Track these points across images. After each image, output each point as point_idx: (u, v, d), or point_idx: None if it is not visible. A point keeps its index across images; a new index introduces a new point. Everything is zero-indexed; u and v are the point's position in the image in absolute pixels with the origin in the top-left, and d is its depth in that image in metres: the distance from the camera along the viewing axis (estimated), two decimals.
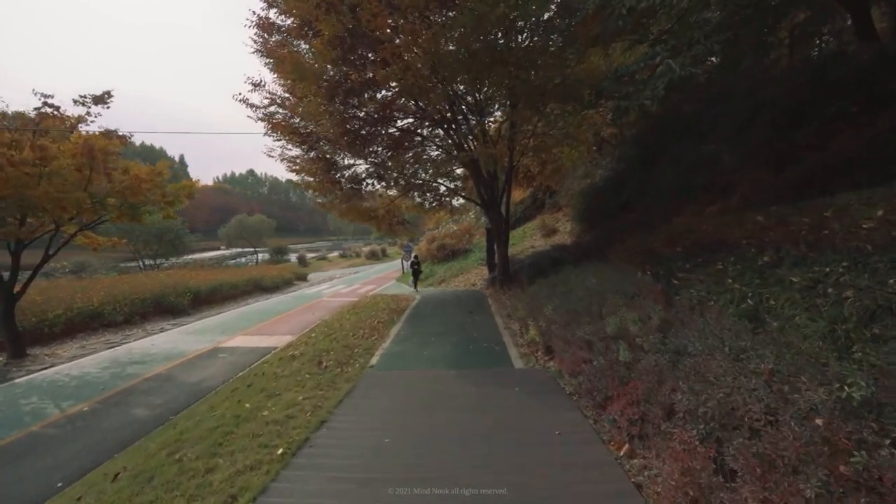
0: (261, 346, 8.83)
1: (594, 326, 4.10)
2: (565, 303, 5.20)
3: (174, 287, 13.95)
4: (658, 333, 3.39)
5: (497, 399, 3.80)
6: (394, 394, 4.07)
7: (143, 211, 8.78)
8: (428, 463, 2.74)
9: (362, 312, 9.57)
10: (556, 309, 5.19)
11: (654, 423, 2.54)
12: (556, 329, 4.79)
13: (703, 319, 3.42)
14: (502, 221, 11.13)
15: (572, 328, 4.43)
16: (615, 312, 4.25)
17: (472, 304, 10.07)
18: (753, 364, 2.46)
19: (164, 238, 28.34)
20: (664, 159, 10.92)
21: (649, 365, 2.98)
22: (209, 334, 10.47)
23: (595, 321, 4.34)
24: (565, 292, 5.67)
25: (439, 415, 3.52)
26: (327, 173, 11.06)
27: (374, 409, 3.70)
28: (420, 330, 7.25)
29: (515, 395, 3.87)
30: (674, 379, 2.68)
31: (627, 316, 3.86)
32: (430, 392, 4.06)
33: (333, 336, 6.93)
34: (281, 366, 5.44)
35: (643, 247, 7.68)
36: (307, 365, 5.18)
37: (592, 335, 4.00)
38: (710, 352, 2.74)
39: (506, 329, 6.95)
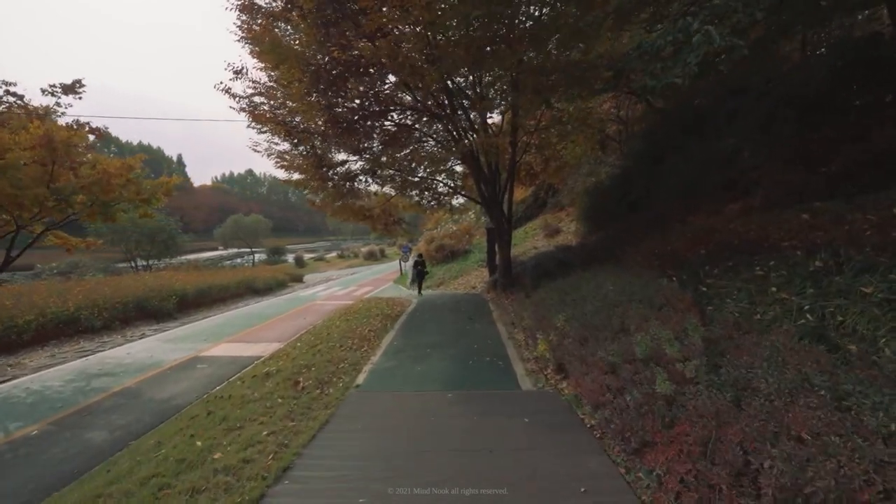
0: (244, 356, 8.18)
1: (618, 345, 3.44)
2: (579, 313, 4.54)
3: (159, 290, 13.27)
4: (704, 358, 2.73)
5: (503, 435, 3.13)
6: (379, 427, 3.37)
7: (117, 209, 8.09)
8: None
9: (354, 318, 8.90)
10: (568, 320, 4.52)
11: (719, 488, 1.87)
12: (570, 345, 4.13)
13: (762, 340, 2.76)
14: (504, 220, 10.46)
15: (591, 346, 3.77)
16: (642, 327, 3.58)
17: (472, 309, 9.41)
18: (870, 418, 1.78)
19: (156, 238, 27.66)
20: (675, 156, 10.26)
21: (702, 403, 2.33)
22: (191, 341, 9.79)
23: (618, 338, 3.68)
24: (578, 300, 5.00)
25: (431, 459, 2.85)
26: (318, 169, 10.39)
27: (353, 451, 3.01)
28: (415, 340, 6.58)
29: (525, 428, 3.20)
30: (741, 427, 2.02)
31: (659, 333, 3.19)
32: (423, 424, 3.39)
33: (318, 347, 6.25)
34: (252, 386, 4.76)
35: (661, 248, 7.03)
36: (282, 385, 4.51)
37: (617, 356, 3.33)
38: (791, 391, 2.08)
39: (509, 339, 6.29)
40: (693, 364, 2.68)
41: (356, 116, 8.76)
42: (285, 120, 7.81)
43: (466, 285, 14.62)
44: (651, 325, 3.59)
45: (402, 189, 13.05)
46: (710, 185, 9.00)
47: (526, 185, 16.17)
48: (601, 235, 12.59)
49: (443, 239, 21.35)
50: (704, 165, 9.29)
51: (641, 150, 12.88)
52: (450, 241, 21.18)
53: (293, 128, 8.05)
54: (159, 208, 8.58)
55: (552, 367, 4.37)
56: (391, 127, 10.98)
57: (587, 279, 5.92)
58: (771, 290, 3.83)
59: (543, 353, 4.50)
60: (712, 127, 9.88)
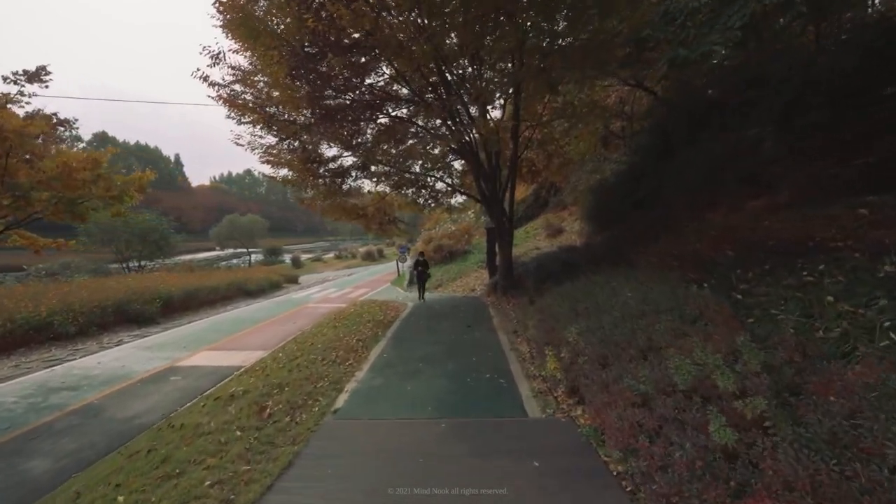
0: (223, 366, 7.54)
1: (651, 370, 2.79)
2: (595, 325, 3.88)
3: (142, 292, 12.59)
4: (772, 396, 2.07)
5: (506, 484, 2.47)
6: (351, 473, 2.70)
7: (86, 207, 7.42)
8: None
9: (343, 325, 8.24)
10: (582, 334, 3.86)
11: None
12: (586, 365, 3.47)
13: (845, 371, 2.10)
14: (505, 219, 9.81)
15: (613, 368, 3.12)
16: (676, 346, 2.93)
17: (471, 314, 8.75)
18: None
19: (148, 238, 26.97)
20: (687, 150, 9.60)
21: (787, 466, 1.68)
22: (170, 349, 9.14)
23: (647, 359, 3.03)
24: (592, 310, 4.34)
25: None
26: (306, 164, 9.73)
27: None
28: (407, 352, 5.91)
29: (535, 476, 2.52)
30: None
31: (703, 357, 2.54)
32: (409, 469, 2.72)
33: (298, 361, 5.59)
34: (212, 411, 4.09)
35: (679, 249, 6.37)
36: (246, 412, 3.84)
37: (648, 384, 2.68)
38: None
39: (512, 351, 5.63)
40: (759, 403, 2.04)
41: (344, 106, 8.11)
42: (264, 107, 7.14)
43: (465, 287, 13.96)
44: (687, 343, 2.94)
45: (398, 187, 12.40)
46: (728, 180, 8.34)
47: (528, 182, 15.53)
48: (607, 235, 11.94)
49: (441, 239, 20.69)
50: (720, 159, 8.62)
51: (649, 145, 12.21)
52: (448, 241, 20.52)
53: (273, 117, 7.39)
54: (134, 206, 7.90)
55: (564, 389, 3.73)
56: (385, 120, 10.35)
57: (599, 284, 5.26)
58: (827, 300, 3.18)
59: (553, 373, 3.85)
60: (727, 119, 9.22)
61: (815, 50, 8.79)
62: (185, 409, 4.72)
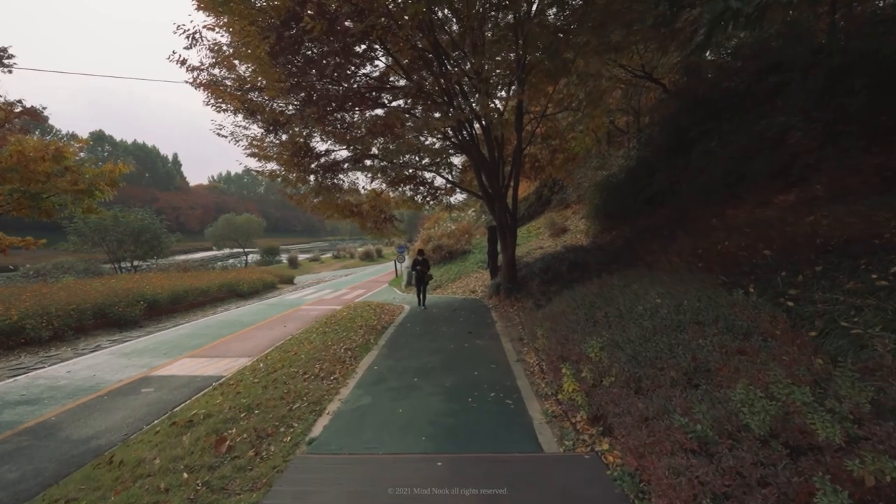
0: (202, 375, 6.93)
1: (706, 403, 2.15)
2: (622, 338, 3.24)
3: (125, 295, 11.96)
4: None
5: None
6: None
7: (53, 202, 6.78)
8: None
9: (333, 331, 7.60)
10: (606, 349, 3.23)
11: None
12: (614, 388, 2.84)
13: None
14: (508, 216, 9.17)
15: (651, 396, 2.49)
16: (731, 367, 2.30)
17: (472, 319, 8.10)
18: None
19: (141, 238, 26.31)
20: (704, 143, 8.98)
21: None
22: (148, 356, 8.51)
23: (697, 385, 2.39)
24: (614, 318, 3.70)
25: None
26: (295, 158, 9.09)
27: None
28: (401, 363, 5.26)
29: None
30: None
31: (778, 390, 1.91)
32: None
33: (276, 374, 4.96)
34: (162, 443, 3.42)
35: (705, 248, 5.74)
36: (202, 443, 3.18)
37: (705, 422, 2.04)
38: None
39: (519, 363, 5.00)
40: (886, 465, 1.41)
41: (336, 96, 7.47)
42: (246, 93, 6.50)
43: (465, 289, 13.32)
44: (745, 364, 2.31)
45: (395, 184, 11.77)
46: (751, 173, 7.71)
47: (531, 178, 14.89)
48: (616, 234, 11.32)
49: (440, 239, 20.05)
50: (742, 151, 8.00)
51: (660, 138, 11.59)
52: (448, 240, 19.87)
53: (257, 105, 6.76)
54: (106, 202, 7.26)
55: (585, 416, 3.10)
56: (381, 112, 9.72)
57: (618, 288, 4.62)
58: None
59: (573, 397, 3.22)
60: (747, 109, 8.58)
61: (832, 35, 8.17)
62: (140, 434, 4.07)
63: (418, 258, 10.84)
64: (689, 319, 3.13)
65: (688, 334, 2.94)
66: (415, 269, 10.72)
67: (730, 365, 2.47)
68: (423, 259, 10.80)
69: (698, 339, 2.83)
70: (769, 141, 7.42)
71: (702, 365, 2.60)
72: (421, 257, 10.83)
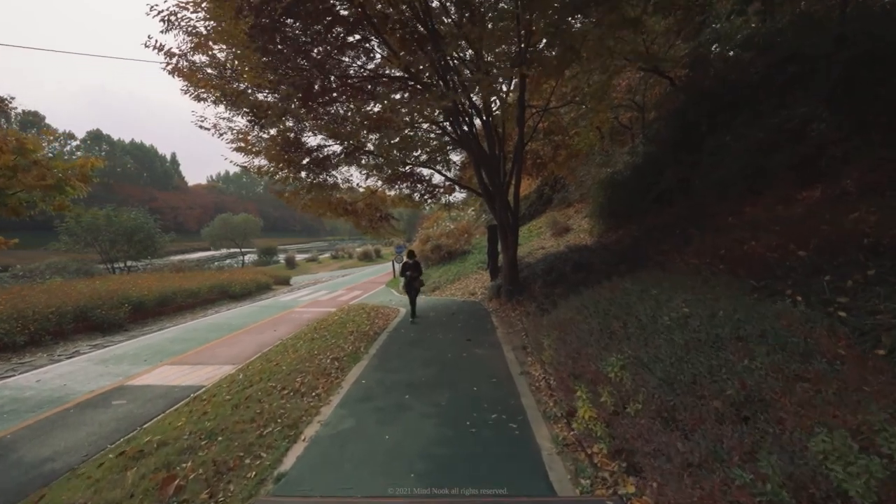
0: (181, 385, 6.46)
1: (774, 451, 1.65)
2: (648, 356, 2.74)
3: (110, 297, 11.44)
4: None
5: None
6: None
7: (20, 198, 6.26)
8: None
9: (322, 337, 7.10)
10: (628, 367, 2.73)
11: None
12: (642, 419, 2.34)
13: None
14: (509, 215, 8.66)
15: (693, 434, 1.99)
16: (796, 400, 1.80)
17: (472, 324, 7.59)
18: None
19: (134, 238, 25.78)
20: (716, 138, 8.50)
21: None
22: (127, 363, 8.02)
23: (753, 425, 1.89)
24: (635, 330, 3.20)
25: None
26: (284, 153, 8.59)
27: None
28: (392, 375, 4.74)
29: None
30: None
31: (883, 439, 1.40)
32: None
33: (251, 391, 4.44)
34: (101, 480, 2.80)
35: (727, 249, 5.23)
36: (146, 483, 2.66)
37: (774, 478, 1.55)
38: None
39: (523, 376, 4.49)
40: None
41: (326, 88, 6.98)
42: (227, 81, 6.00)
43: (465, 291, 12.82)
44: (816, 398, 1.80)
45: (391, 181, 11.27)
46: (770, 168, 7.21)
47: (533, 176, 14.41)
48: (623, 233, 10.82)
49: (439, 238, 19.54)
50: (759, 145, 7.51)
51: (668, 133, 11.08)
52: (447, 240, 19.37)
53: (239, 94, 6.25)
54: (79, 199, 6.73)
55: (604, 449, 2.60)
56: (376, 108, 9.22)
57: (634, 293, 4.12)
58: None
59: (591, 428, 2.71)
60: (762, 101, 8.08)
61: (844, 24, 7.68)
62: (84, 466, 3.56)
63: (407, 261, 8.91)
64: (729, 334, 2.63)
65: (730, 353, 2.44)
66: (404, 273, 8.92)
67: (792, 395, 1.97)
68: (413, 262, 8.88)
69: (744, 360, 2.33)
70: (789, 133, 6.92)
71: (754, 394, 2.09)
72: (411, 260, 8.90)
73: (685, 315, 3.11)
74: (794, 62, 7.79)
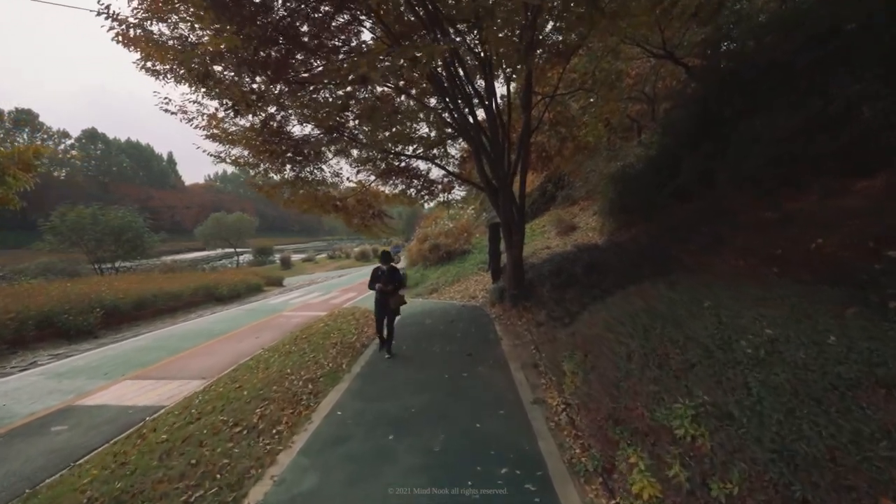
0: (137, 406, 5.61)
1: None
2: (739, 407, 1.86)
3: (80, 300, 10.55)
4: None
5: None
6: None
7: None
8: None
9: (300, 351, 6.24)
10: (703, 421, 1.86)
11: None
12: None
13: None
14: (515, 211, 7.79)
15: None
16: None
17: (472, 335, 6.70)
18: None
19: (122, 237, 24.85)
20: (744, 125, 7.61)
21: None
22: (85, 376, 7.14)
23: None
24: (700, 359, 2.32)
25: None
26: (266, 143, 7.71)
27: None
28: (375, 405, 3.80)
29: None
30: None
31: None
32: None
33: (190, 429, 3.50)
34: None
35: (785, 248, 4.37)
36: None
37: None
38: None
39: (536, 405, 3.61)
40: None
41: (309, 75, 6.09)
42: (183, 47, 5.11)
43: (464, 294, 11.94)
44: None
45: (385, 175, 10.39)
46: (812, 157, 6.31)
47: (538, 170, 13.54)
48: (636, 232, 9.92)
49: (438, 238, 18.65)
50: (793, 133, 6.60)
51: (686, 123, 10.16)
52: (446, 240, 18.48)
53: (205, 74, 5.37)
54: (23, 191, 5.85)
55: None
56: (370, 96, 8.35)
57: (680, 304, 3.24)
58: None
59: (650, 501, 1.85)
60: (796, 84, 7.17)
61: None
62: None
63: (381, 268, 6.06)
64: (861, 374, 1.75)
65: (878, 408, 1.55)
66: (373, 285, 6.01)
67: None
68: (389, 268, 6.07)
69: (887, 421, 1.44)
70: (831, 118, 6.03)
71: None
72: (386, 266, 6.05)
73: (771, 339, 2.23)
74: (833, 37, 6.87)
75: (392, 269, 6.17)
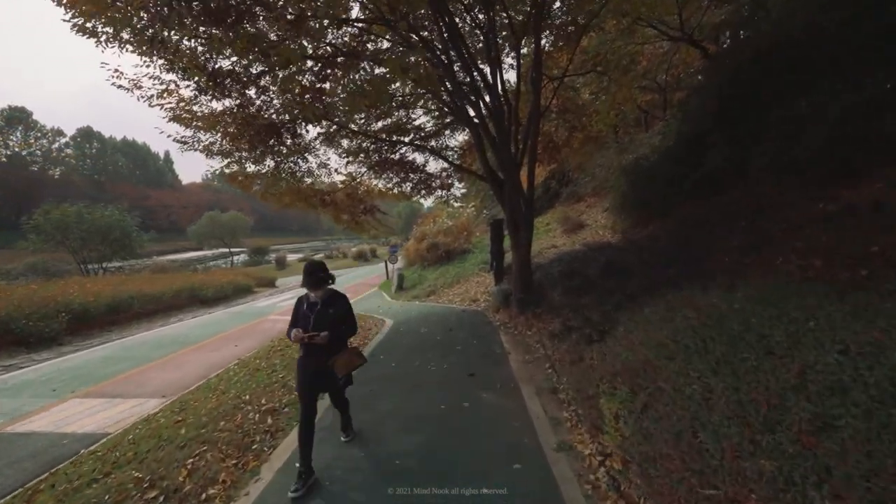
0: (77, 433, 4.74)
1: None
2: None
3: (45, 304, 9.64)
4: None
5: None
6: None
7: None
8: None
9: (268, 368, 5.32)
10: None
11: None
12: None
13: None
14: (522, 203, 6.88)
15: None
16: None
17: (475, 348, 5.77)
18: None
19: (109, 237, 23.93)
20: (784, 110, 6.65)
21: None
22: (27, 393, 6.25)
23: None
24: (845, 414, 1.41)
25: None
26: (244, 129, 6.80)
27: None
28: (349, 452, 2.67)
29: None
30: None
31: None
32: None
33: (89, 493, 2.60)
34: None
35: (882, 247, 3.46)
36: None
37: None
38: None
39: (563, 453, 2.70)
40: None
41: None
42: None
43: (465, 296, 11.03)
44: None
45: (377, 167, 9.48)
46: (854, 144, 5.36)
47: (545, 162, 12.63)
48: (654, 229, 8.98)
49: (436, 237, 17.73)
50: (848, 116, 5.65)
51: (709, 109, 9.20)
52: (445, 238, 17.55)
53: (157, 41, 4.46)
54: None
55: None
56: None
57: (764, 319, 2.33)
58: None
59: None
60: (847, 61, 6.21)
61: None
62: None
63: (307, 298, 2.96)
64: None
65: None
66: (295, 323, 2.92)
67: None
68: (325, 299, 2.92)
69: None
70: (873, 104, 5.09)
71: None
72: (316, 293, 2.89)
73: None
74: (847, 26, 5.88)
75: (331, 299, 2.95)
